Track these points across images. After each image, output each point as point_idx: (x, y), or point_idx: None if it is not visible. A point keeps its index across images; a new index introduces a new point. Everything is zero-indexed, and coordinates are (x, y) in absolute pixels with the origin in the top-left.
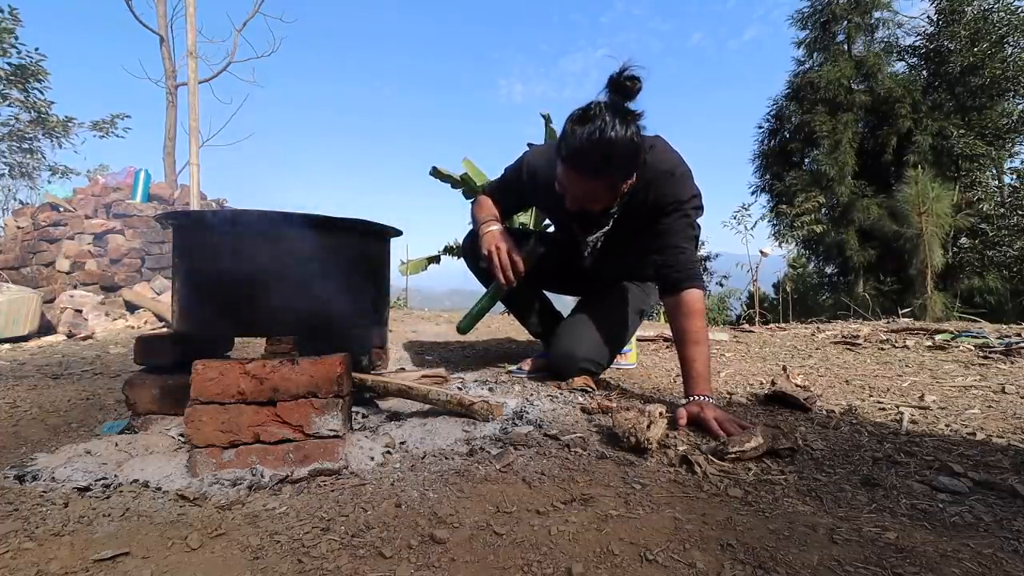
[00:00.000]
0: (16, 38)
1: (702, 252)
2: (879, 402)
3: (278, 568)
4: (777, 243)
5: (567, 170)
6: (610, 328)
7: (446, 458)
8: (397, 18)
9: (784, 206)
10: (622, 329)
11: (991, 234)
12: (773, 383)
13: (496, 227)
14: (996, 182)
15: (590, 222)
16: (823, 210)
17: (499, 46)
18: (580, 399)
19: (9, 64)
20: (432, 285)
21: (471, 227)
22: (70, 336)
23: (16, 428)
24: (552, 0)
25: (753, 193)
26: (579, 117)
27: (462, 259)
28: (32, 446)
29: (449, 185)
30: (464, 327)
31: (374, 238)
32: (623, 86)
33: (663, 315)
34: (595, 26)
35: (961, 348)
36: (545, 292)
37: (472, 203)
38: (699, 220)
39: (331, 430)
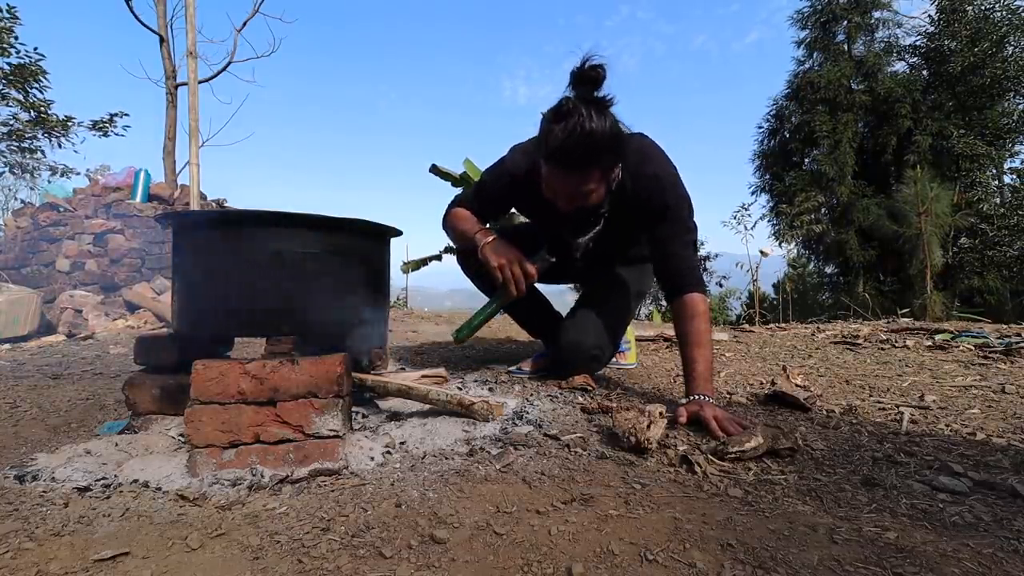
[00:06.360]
0: (16, 38)
1: (702, 252)
2: (879, 402)
3: (278, 568)
4: (777, 243)
5: (553, 170)
6: (613, 314)
7: (446, 458)
8: (400, 20)
9: (784, 206)
10: (625, 314)
11: (991, 234)
12: (773, 383)
13: (492, 237)
14: (996, 182)
15: (582, 222)
16: (823, 210)
17: (503, 48)
18: (580, 399)
19: (8, 64)
20: (432, 285)
21: (457, 242)
22: (70, 336)
23: (16, 428)
24: (557, 3)
25: (753, 193)
26: (554, 115)
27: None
28: (32, 446)
29: (449, 184)
30: (461, 336)
31: (374, 238)
32: (588, 77)
33: (661, 315)
34: (600, 29)
35: (961, 348)
36: (539, 287)
37: (446, 216)
38: (695, 220)
39: (331, 430)
